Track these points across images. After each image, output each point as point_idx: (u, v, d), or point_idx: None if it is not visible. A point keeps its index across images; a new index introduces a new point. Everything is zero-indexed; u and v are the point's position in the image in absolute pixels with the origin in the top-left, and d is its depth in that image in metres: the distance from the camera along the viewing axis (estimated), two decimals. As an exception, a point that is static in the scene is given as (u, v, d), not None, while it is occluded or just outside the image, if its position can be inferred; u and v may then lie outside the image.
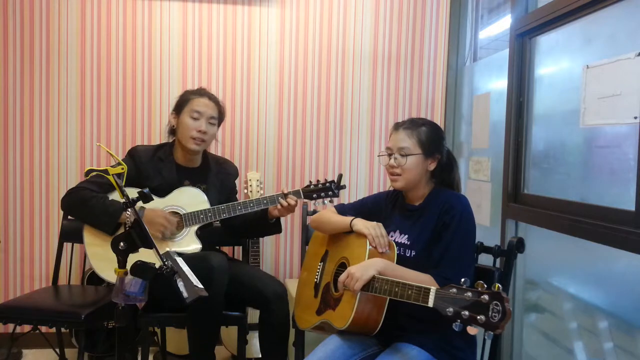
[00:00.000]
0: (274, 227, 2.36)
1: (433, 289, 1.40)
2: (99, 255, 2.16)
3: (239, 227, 2.42)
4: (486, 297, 1.27)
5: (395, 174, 1.78)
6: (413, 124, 1.80)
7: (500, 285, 1.28)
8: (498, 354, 1.75)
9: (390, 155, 1.80)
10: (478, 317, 1.27)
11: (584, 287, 2.01)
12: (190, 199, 2.25)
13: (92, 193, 2.16)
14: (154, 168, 2.26)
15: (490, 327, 1.25)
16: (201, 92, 2.34)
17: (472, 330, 1.28)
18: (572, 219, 1.87)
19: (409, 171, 1.76)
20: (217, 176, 2.40)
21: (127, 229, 1.46)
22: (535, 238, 2.25)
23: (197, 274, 2.01)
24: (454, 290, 1.35)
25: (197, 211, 2.21)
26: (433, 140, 1.79)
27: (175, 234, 2.21)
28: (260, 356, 2.29)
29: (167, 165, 2.28)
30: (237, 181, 2.53)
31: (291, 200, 2.22)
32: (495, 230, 2.47)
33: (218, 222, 2.38)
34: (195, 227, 2.23)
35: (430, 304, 1.39)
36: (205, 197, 2.26)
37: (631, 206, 1.61)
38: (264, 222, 2.33)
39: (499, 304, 1.25)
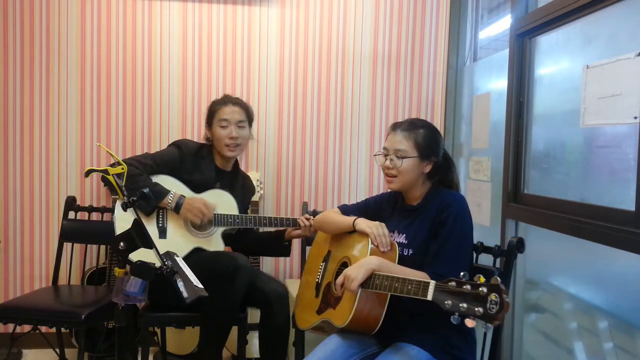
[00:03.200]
0: (285, 250, 2.44)
1: (432, 282, 1.41)
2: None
3: (252, 243, 2.47)
4: (484, 289, 1.28)
5: (391, 175, 1.80)
6: (411, 126, 1.80)
7: (498, 278, 1.29)
8: (498, 354, 1.75)
9: (386, 155, 1.82)
10: (476, 309, 1.27)
11: (584, 287, 2.01)
12: (222, 202, 2.30)
13: (138, 170, 2.16)
14: (196, 163, 2.32)
15: (488, 318, 1.26)
16: (225, 100, 2.38)
17: (469, 322, 1.28)
18: (572, 219, 1.87)
19: (405, 173, 1.77)
20: (241, 188, 2.45)
21: (131, 225, 1.46)
22: (535, 238, 2.25)
23: (223, 269, 2.05)
24: (453, 283, 1.35)
25: (228, 214, 2.28)
26: (430, 143, 1.79)
27: (206, 227, 2.26)
28: (259, 356, 2.30)
29: (208, 164, 2.34)
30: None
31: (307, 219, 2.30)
32: (495, 230, 2.47)
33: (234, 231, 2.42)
34: (222, 229, 2.29)
35: (429, 297, 1.40)
36: (236, 205, 2.33)
37: (631, 206, 1.61)
38: (279, 242, 2.40)
39: (497, 295, 1.25)
